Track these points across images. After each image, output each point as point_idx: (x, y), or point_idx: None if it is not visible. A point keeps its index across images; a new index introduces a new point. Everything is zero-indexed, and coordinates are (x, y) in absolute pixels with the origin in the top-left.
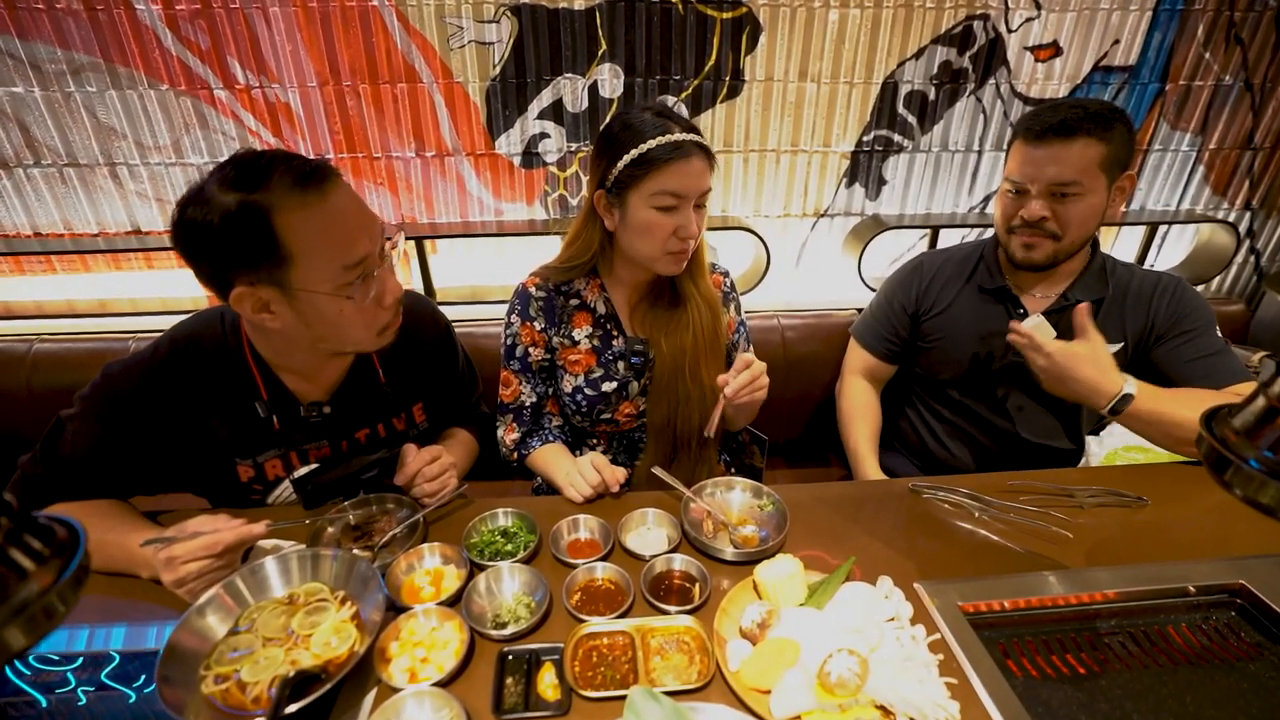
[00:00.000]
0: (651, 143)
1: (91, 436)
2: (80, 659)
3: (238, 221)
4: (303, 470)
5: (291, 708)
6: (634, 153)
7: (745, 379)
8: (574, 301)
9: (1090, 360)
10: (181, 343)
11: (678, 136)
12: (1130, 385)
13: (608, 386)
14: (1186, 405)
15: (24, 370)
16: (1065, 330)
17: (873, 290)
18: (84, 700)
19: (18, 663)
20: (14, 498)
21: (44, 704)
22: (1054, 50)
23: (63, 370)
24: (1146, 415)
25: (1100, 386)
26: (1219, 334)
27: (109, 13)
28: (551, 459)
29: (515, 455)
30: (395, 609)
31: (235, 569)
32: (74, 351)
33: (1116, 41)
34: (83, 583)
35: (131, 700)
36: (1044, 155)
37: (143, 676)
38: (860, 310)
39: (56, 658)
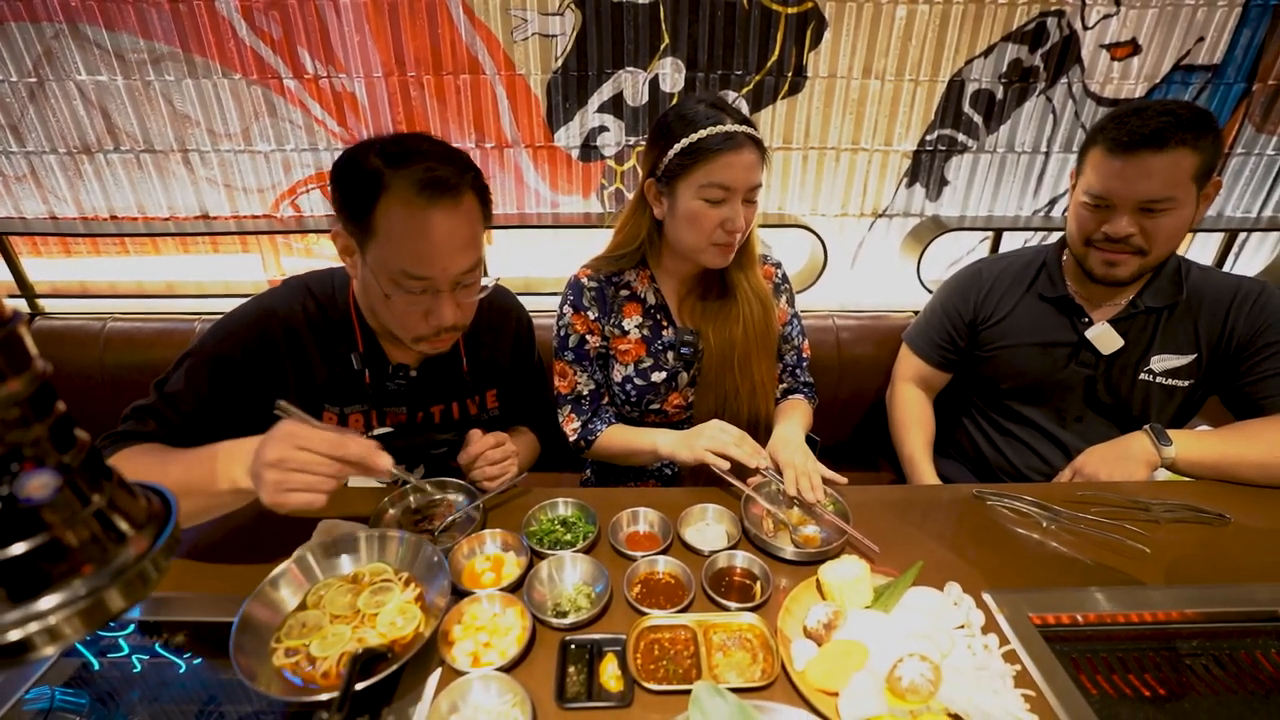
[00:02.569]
0: (703, 132)
1: (204, 366)
2: (132, 625)
3: (359, 181)
4: (380, 430)
5: (361, 685)
6: (685, 142)
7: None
8: (624, 292)
9: (1095, 446)
10: (298, 288)
11: (730, 127)
12: (1149, 424)
13: (657, 376)
14: (1240, 442)
15: (97, 348)
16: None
17: (930, 293)
18: (139, 668)
19: None
20: (123, 428)
21: (96, 667)
22: (1132, 48)
23: (133, 349)
24: (1205, 456)
25: (1128, 437)
26: None
27: (189, 4)
28: (630, 432)
29: (582, 442)
30: (457, 593)
31: (323, 494)
32: (143, 331)
33: (1201, 39)
34: (174, 551)
35: (181, 670)
36: (1134, 169)
37: (201, 656)
38: (917, 313)
39: (113, 624)
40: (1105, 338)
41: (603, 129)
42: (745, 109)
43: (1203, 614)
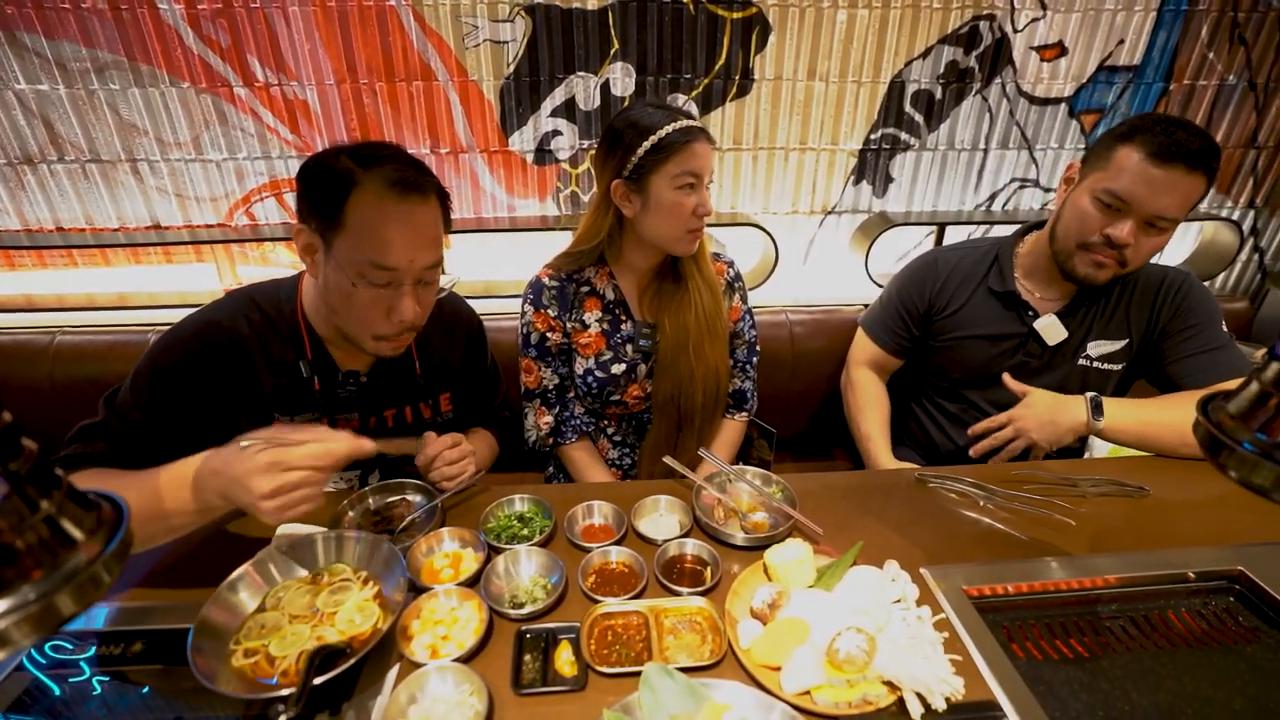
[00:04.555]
0: (669, 128)
1: (149, 381)
2: (93, 648)
3: (330, 179)
4: None
5: (319, 680)
6: (653, 139)
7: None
8: (585, 289)
9: (1040, 396)
10: (242, 299)
11: (686, 123)
12: (1091, 394)
13: (617, 369)
14: (1167, 409)
15: (46, 362)
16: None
17: (879, 286)
18: (99, 689)
19: (33, 651)
20: (70, 451)
21: (57, 693)
22: (1059, 50)
23: (84, 362)
24: (1130, 425)
25: (1068, 402)
26: (1224, 329)
27: (133, 12)
28: (588, 463)
29: (550, 440)
30: (416, 589)
31: (320, 495)
32: (95, 344)
33: (1121, 41)
34: (127, 555)
35: (145, 691)
36: (1164, 180)
37: (159, 665)
38: (868, 305)
39: (70, 645)
40: (1051, 329)
41: (556, 133)
42: (695, 111)
43: (1121, 579)
